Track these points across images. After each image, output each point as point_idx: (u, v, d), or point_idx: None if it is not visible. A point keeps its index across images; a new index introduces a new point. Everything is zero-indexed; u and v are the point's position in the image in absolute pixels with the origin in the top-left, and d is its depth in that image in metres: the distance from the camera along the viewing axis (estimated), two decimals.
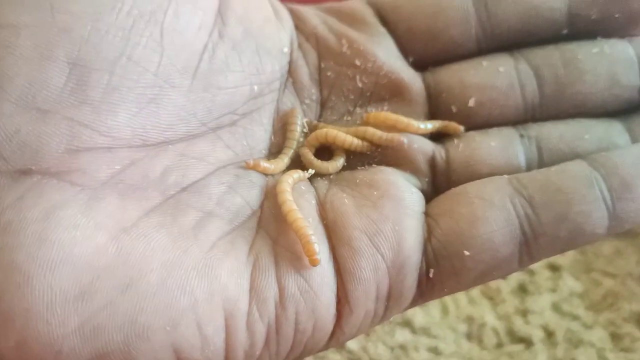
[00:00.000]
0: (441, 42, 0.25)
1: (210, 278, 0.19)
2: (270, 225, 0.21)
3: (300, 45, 0.25)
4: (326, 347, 0.21)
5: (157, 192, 0.20)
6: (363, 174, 0.23)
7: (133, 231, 0.19)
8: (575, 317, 0.43)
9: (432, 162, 0.23)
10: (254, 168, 0.22)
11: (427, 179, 0.23)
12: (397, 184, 0.22)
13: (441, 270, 0.21)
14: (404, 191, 0.22)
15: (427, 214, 0.22)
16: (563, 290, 0.44)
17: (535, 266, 0.45)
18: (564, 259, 0.46)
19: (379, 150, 0.24)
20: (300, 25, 0.25)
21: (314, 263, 0.20)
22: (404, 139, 0.23)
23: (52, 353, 0.17)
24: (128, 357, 0.18)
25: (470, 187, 0.22)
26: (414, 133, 0.24)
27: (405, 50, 0.25)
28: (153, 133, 0.20)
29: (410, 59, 0.25)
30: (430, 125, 0.24)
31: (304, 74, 0.25)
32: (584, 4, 0.24)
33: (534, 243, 0.21)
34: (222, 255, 0.20)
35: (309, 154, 0.23)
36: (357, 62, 0.24)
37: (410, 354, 0.41)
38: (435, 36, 0.25)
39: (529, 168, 0.23)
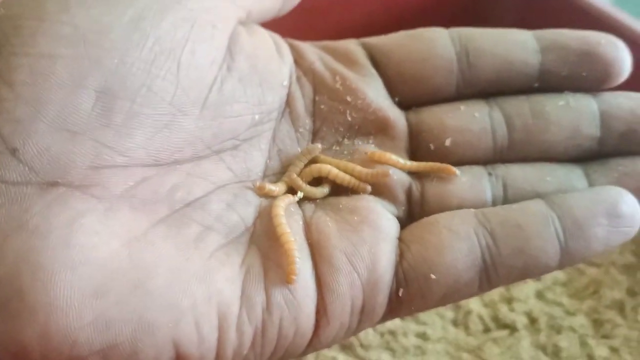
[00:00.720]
0: (425, 86, 0.27)
1: (208, 283, 0.21)
2: (261, 241, 0.23)
3: (298, 79, 0.27)
4: (304, 353, 0.24)
5: (164, 207, 0.22)
6: (346, 201, 0.25)
7: (143, 239, 0.21)
8: (558, 305, 0.45)
9: (409, 193, 0.26)
10: (260, 189, 0.24)
11: (403, 207, 0.25)
12: (376, 211, 0.24)
13: (410, 290, 0.23)
14: (382, 218, 0.24)
15: (400, 239, 0.24)
16: (547, 279, 0.46)
17: None
18: None
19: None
20: (299, 60, 0.27)
21: (289, 281, 0.22)
22: (389, 171, 0.25)
23: (69, 343, 0.19)
24: (135, 349, 0.20)
25: (440, 218, 0.24)
26: (408, 171, 0.26)
27: (392, 90, 0.27)
28: (164, 154, 0.22)
29: (397, 99, 0.27)
30: (422, 166, 0.26)
31: (300, 105, 0.27)
32: (555, 63, 0.26)
33: (493, 271, 0.23)
34: (219, 264, 0.22)
35: (298, 180, 0.25)
36: (349, 99, 0.26)
37: (400, 339, 0.43)
38: (420, 81, 0.27)
39: (494, 203, 0.25)
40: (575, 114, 0.26)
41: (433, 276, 0.23)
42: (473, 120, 0.26)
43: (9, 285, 0.19)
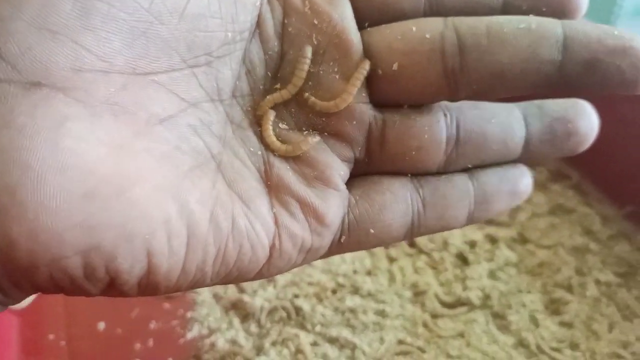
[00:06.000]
0: (392, 11, 0.28)
1: (181, 202, 0.23)
2: (227, 172, 0.26)
3: (268, 1, 0.28)
4: (253, 278, 0.27)
5: (143, 119, 0.23)
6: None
7: (126, 148, 0.22)
8: (510, 284, 0.47)
9: (369, 133, 0.28)
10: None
11: (359, 148, 0.28)
12: (331, 166, 0.27)
13: (350, 238, 0.27)
14: (335, 175, 0.27)
15: (351, 192, 0.27)
16: (500, 260, 0.48)
17: (475, 238, 0.50)
18: (502, 232, 0.51)
19: (323, 119, 0.27)
20: None
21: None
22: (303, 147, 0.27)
23: (56, 241, 0.20)
24: (114, 253, 0.21)
25: (385, 179, 0.28)
26: None
27: (362, 16, 0.28)
28: (142, 62, 0.23)
29: (366, 25, 0.28)
30: None
31: (270, 27, 0.28)
32: None
33: (417, 230, 0.28)
34: (191, 185, 0.24)
35: (272, 136, 0.27)
36: (315, 22, 0.27)
37: (359, 316, 0.45)
38: (388, 6, 0.28)
39: (447, 144, 0.28)
40: (536, 37, 0.25)
41: (372, 230, 0.27)
42: (422, 43, 0.26)
43: None
